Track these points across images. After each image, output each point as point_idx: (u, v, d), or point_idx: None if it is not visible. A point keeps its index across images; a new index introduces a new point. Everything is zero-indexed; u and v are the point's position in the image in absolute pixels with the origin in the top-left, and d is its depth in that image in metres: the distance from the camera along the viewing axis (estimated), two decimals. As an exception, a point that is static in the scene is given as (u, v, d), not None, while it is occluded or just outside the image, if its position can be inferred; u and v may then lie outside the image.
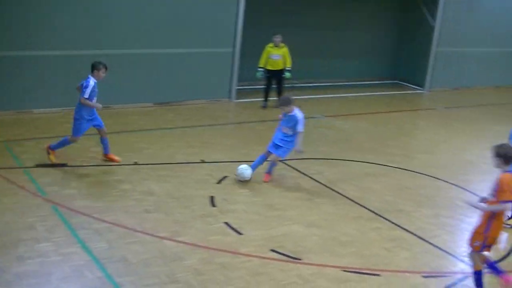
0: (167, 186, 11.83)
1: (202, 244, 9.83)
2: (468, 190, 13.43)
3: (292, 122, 12.19)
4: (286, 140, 12.35)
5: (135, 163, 12.80)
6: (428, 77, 22.20)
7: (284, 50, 17.70)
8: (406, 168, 14.23)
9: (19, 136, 13.81)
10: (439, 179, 13.77)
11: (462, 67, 22.96)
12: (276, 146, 12.39)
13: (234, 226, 10.54)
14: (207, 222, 10.59)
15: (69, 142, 12.37)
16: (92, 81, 11.82)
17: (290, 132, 12.29)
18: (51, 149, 12.39)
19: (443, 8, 21.68)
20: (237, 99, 18.03)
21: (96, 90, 11.94)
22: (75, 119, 12.13)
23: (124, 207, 10.80)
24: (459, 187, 13.57)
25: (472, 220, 11.91)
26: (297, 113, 12.22)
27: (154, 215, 10.61)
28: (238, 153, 13.99)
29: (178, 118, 15.96)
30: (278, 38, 17.60)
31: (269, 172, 12.72)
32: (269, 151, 12.50)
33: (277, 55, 17.59)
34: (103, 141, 12.62)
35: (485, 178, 14.22)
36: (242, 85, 18.87)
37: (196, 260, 9.30)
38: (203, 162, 13.25)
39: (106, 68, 11.91)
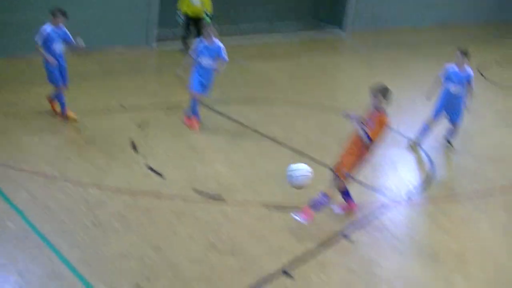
0: (88, 133, 11.75)
1: (125, 187, 9.83)
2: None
3: (215, 52, 12.09)
4: (209, 76, 12.30)
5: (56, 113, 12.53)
6: (349, 18, 22.11)
7: None
8: (329, 107, 14.39)
9: None
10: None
11: (381, 7, 23.03)
12: (202, 85, 12.31)
13: (157, 169, 10.55)
14: (129, 166, 10.64)
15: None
16: (48, 28, 11.45)
17: (212, 65, 12.17)
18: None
19: None
20: (158, 45, 17.76)
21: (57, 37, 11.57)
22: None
23: (44, 155, 10.69)
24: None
25: (393, 157, 12.25)
26: (219, 42, 12.17)
27: (75, 163, 10.53)
28: (159, 97, 13.96)
29: (98, 65, 15.67)
30: None
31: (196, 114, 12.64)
32: (195, 92, 12.35)
33: (197, 0, 17.27)
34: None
35: (402, 112, 14.51)
36: (161, 28, 18.55)
37: (119, 204, 9.37)
38: (123, 107, 13.12)
39: (63, 14, 11.51)
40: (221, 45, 12.16)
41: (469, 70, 12.27)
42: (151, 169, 10.53)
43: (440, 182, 11.48)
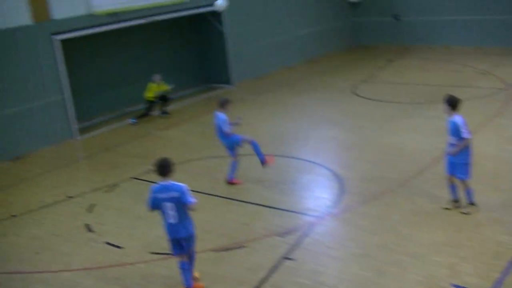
0: (46, 227, 11.87)
1: (93, 266, 10.04)
2: (292, 157, 14.33)
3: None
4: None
5: (13, 216, 12.64)
6: (231, 74, 23.03)
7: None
8: (240, 153, 14.84)
9: None
10: (267, 154, 14.42)
11: (256, 59, 24.01)
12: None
13: (114, 242, 10.79)
14: (90, 246, 10.81)
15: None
16: None
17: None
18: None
19: (226, 16, 22.53)
20: (81, 136, 17.94)
21: None
22: None
23: (15, 256, 10.76)
24: (284, 156, 14.42)
25: (303, 180, 12.82)
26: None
27: (43, 255, 10.67)
28: (95, 182, 14.12)
29: (34, 167, 15.74)
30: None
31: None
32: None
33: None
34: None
35: (303, 143, 15.22)
36: (82, 123, 18.78)
37: (91, 281, 9.53)
38: (69, 197, 13.29)
39: None
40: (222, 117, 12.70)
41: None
42: (109, 243, 10.77)
43: (351, 192, 12.07)
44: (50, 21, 17.31)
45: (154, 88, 19.48)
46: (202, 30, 23.17)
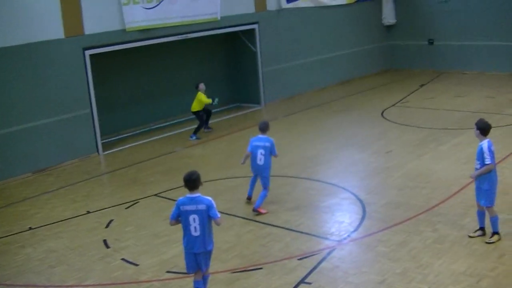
0: (63, 241, 11.85)
1: (107, 282, 9.99)
2: (317, 180, 14.17)
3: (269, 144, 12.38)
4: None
5: (30, 228, 12.66)
6: (261, 94, 23.01)
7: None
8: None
9: None
10: (292, 176, 14.41)
11: (287, 79, 23.96)
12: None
13: (130, 260, 10.75)
14: (106, 262, 10.74)
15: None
16: None
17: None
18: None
19: (259, 36, 22.58)
20: (105, 151, 18.01)
21: None
22: None
23: (30, 268, 10.74)
24: (309, 179, 14.28)
25: (325, 203, 12.67)
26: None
27: (58, 269, 10.64)
28: (116, 198, 14.11)
29: (58, 180, 15.83)
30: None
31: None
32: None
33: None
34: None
35: (328, 166, 15.06)
36: (106, 138, 18.90)
37: (105, 297, 9.46)
38: (89, 212, 13.28)
39: None
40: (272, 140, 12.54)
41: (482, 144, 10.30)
42: (125, 260, 10.70)
43: (374, 217, 11.87)
44: (83, 36, 17.45)
45: (204, 99, 19.20)
46: (235, 49, 23.24)
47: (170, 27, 19.61)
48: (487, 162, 10.07)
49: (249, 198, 12.96)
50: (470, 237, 10.56)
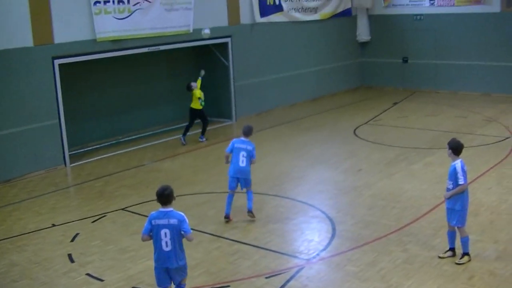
0: (27, 254, 11.70)
1: (71, 298, 9.88)
2: (286, 197, 14.21)
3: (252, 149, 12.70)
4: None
5: (-8, 241, 12.50)
6: (233, 109, 23.04)
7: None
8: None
9: None
10: (261, 193, 14.41)
11: (260, 94, 24.03)
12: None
13: (95, 275, 10.67)
14: (70, 277, 10.65)
15: None
16: None
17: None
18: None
19: (232, 50, 22.65)
20: (72, 163, 17.86)
21: None
22: None
23: (-11, 283, 10.61)
24: (278, 196, 14.30)
25: (295, 221, 12.70)
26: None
27: (21, 283, 10.51)
28: (83, 211, 13.99)
29: (22, 191, 15.64)
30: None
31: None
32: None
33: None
34: None
35: (298, 183, 15.10)
36: (74, 150, 18.75)
37: (69, 313, 9.36)
38: (54, 225, 13.15)
39: None
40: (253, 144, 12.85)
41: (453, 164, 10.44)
42: (90, 275, 10.61)
43: (343, 236, 11.91)
44: (52, 45, 17.34)
45: (198, 94, 19.80)
46: (207, 62, 23.21)
47: (141, 38, 19.57)
48: (460, 182, 10.17)
49: (227, 217, 12.82)
50: (440, 257, 10.66)
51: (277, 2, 24.44)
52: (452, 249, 10.70)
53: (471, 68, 26.51)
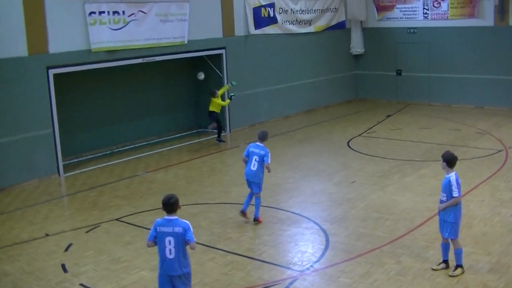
0: (19, 264, 11.68)
1: (64, 308, 9.85)
2: (279, 209, 14.22)
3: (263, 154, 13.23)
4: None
5: (-15, 250, 12.46)
6: (227, 120, 23.07)
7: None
8: (225, 202, 14.81)
9: None
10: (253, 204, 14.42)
11: (254, 106, 24.09)
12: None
13: (89, 285, 10.66)
14: (64, 287, 10.58)
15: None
16: None
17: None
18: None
19: (226, 61, 22.73)
20: (66, 173, 17.85)
21: None
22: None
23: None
24: (272, 207, 14.32)
25: (288, 232, 12.73)
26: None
27: (13, 294, 10.49)
28: (76, 221, 13.97)
29: (15, 200, 15.63)
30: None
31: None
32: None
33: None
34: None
35: (292, 195, 15.13)
36: (68, 159, 18.74)
37: (61, 324, 9.34)
38: (47, 235, 13.12)
39: None
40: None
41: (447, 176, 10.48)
42: (83, 285, 10.59)
43: (337, 248, 11.93)
44: (47, 54, 17.37)
45: (221, 102, 21.06)
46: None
47: (136, 49, 19.63)
48: (455, 195, 10.23)
49: (242, 213, 13.42)
50: (434, 269, 10.68)
51: (271, 14, 24.59)
52: (445, 261, 10.73)
53: (464, 81, 26.67)
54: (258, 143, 13.36)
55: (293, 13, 25.66)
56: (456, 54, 26.74)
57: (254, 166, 13.12)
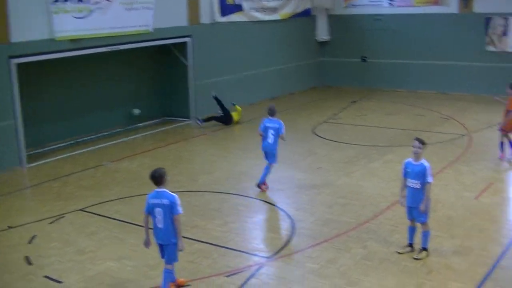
0: (-17, 257, 11.47)
1: (28, 301, 9.71)
2: (246, 196, 14.20)
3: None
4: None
5: None
6: (191, 108, 22.93)
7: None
8: (192, 190, 14.72)
9: None
10: (221, 192, 14.40)
11: (220, 93, 23.87)
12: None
13: (54, 277, 10.49)
14: (28, 280, 10.46)
15: None
16: None
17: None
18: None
19: (192, 50, 22.57)
20: (29, 164, 17.58)
21: None
22: None
23: None
24: (238, 195, 14.29)
25: (254, 219, 12.71)
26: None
27: (-25, 288, 10.30)
28: (40, 212, 13.75)
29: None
30: None
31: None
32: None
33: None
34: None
35: (255, 182, 15.05)
36: (31, 150, 18.44)
37: (25, 317, 9.20)
38: (10, 227, 12.89)
39: None
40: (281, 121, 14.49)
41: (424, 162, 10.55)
42: (49, 277, 10.45)
43: (303, 234, 11.94)
44: (9, 44, 17.03)
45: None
46: (166, 62, 23.12)
47: (101, 38, 19.34)
48: (430, 181, 10.35)
49: (259, 186, 14.44)
50: (399, 253, 10.76)
51: (237, 2, 24.47)
52: (410, 244, 10.81)
53: (429, 67, 26.89)
54: (270, 118, 14.41)
55: (259, 0, 25.56)
56: (421, 40, 26.94)
57: (270, 139, 14.25)
